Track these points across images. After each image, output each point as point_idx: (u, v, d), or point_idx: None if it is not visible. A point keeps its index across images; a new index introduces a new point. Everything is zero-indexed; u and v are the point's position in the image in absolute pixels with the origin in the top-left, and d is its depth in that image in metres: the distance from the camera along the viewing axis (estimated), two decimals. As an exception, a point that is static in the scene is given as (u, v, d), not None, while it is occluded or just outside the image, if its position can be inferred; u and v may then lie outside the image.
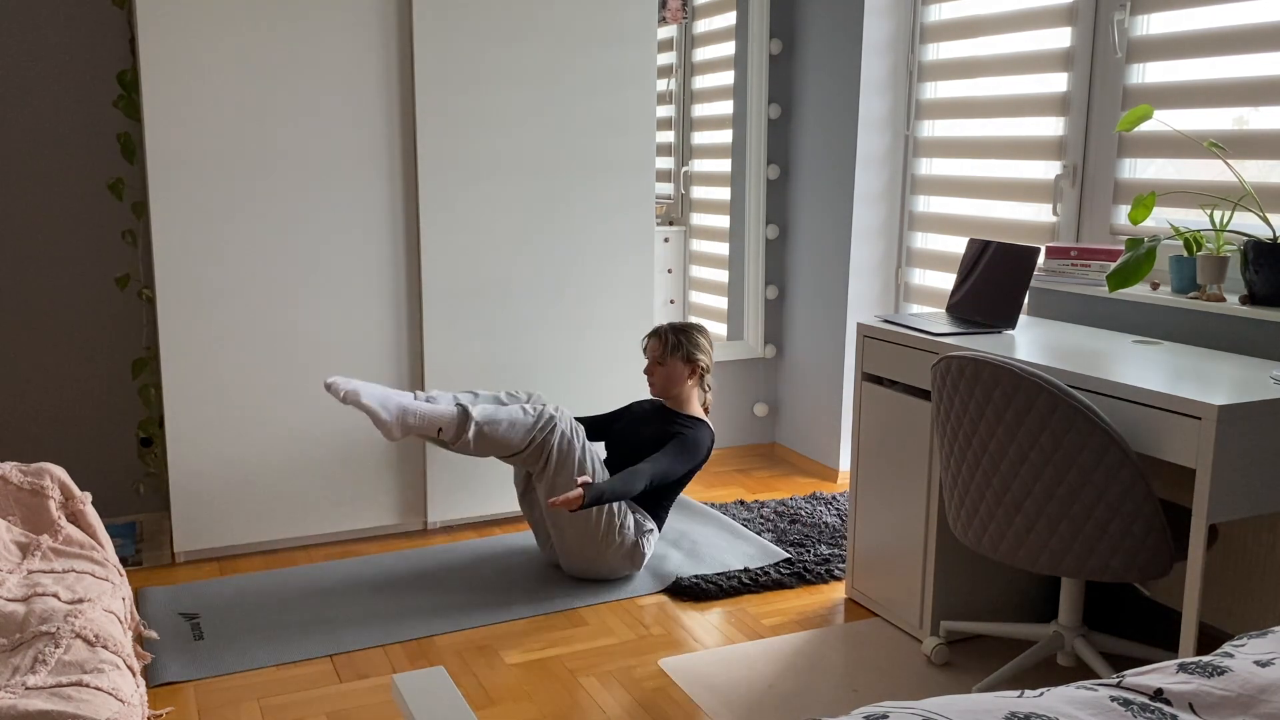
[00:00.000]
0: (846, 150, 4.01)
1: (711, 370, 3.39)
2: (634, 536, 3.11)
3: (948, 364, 2.41)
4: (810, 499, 3.92)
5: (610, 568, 3.15)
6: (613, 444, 3.34)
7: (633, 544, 3.12)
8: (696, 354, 3.31)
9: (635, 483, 2.99)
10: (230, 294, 3.24)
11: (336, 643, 2.79)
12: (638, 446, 3.24)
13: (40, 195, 3.39)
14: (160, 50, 3.06)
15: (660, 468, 3.08)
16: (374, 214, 3.38)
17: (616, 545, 3.09)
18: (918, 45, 3.90)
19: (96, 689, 1.79)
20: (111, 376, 3.56)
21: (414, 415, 2.96)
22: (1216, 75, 2.85)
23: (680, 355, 3.30)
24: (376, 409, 2.93)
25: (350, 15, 3.25)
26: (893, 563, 2.91)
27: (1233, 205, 2.69)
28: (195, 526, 3.31)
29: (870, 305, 4.12)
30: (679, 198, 4.74)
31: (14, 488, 2.41)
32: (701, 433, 3.25)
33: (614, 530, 3.07)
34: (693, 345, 3.31)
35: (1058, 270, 3.05)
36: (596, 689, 2.59)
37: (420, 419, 2.96)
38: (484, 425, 2.97)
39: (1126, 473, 2.19)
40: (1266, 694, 1.34)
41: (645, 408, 3.39)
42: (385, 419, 2.93)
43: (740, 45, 4.35)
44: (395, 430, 2.95)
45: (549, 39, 3.50)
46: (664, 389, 3.33)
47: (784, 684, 2.61)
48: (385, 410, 2.94)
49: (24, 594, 2.10)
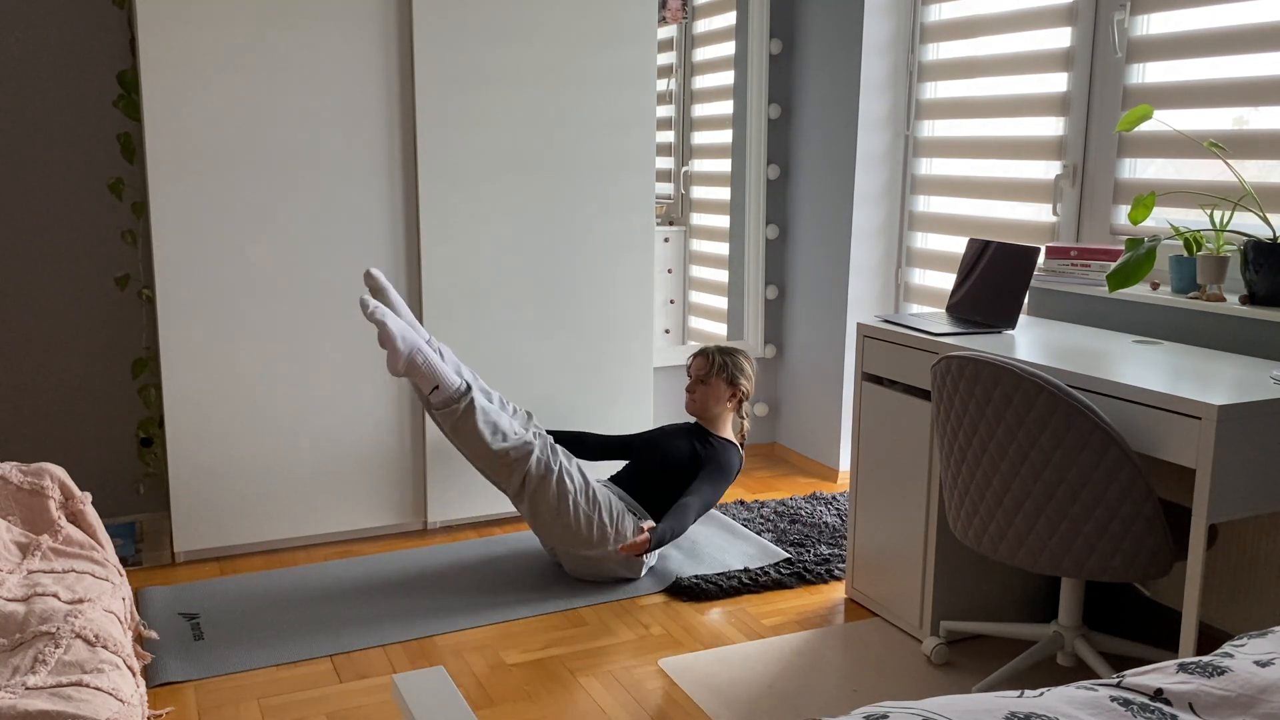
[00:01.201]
0: (846, 150, 4.01)
1: (751, 398, 3.43)
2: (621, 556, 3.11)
3: (948, 364, 2.41)
4: (810, 499, 3.92)
5: (608, 570, 3.15)
6: (640, 455, 3.35)
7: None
8: (740, 378, 3.36)
9: (687, 517, 3.11)
10: (230, 294, 3.24)
11: (336, 643, 2.79)
12: (666, 457, 3.26)
13: (40, 195, 3.39)
14: (160, 50, 3.06)
15: (705, 498, 3.18)
16: (374, 214, 3.38)
17: (613, 552, 3.09)
18: (918, 45, 3.90)
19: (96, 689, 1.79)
20: (111, 376, 3.56)
21: (424, 360, 2.95)
22: (1216, 75, 2.85)
23: (724, 376, 3.34)
24: (394, 337, 2.91)
25: (350, 15, 3.25)
26: (893, 563, 2.91)
27: (1233, 205, 2.69)
28: (195, 526, 3.31)
29: (870, 305, 4.12)
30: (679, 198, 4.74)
31: (14, 488, 2.41)
32: (731, 455, 3.29)
33: (607, 539, 3.06)
34: (737, 368, 3.36)
35: (1058, 270, 3.05)
36: (596, 689, 2.59)
37: (428, 367, 2.95)
38: (478, 408, 2.98)
39: (1126, 473, 2.19)
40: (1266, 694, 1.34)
41: (677, 427, 3.42)
42: (399, 348, 2.91)
43: (740, 45, 4.35)
44: (401, 364, 2.93)
45: (549, 39, 3.50)
46: (703, 408, 3.36)
47: (784, 684, 2.61)
48: (402, 342, 2.92)
49: (24, 594, 2.10)
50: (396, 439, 3.51)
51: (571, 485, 3.03)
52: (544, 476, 3.01)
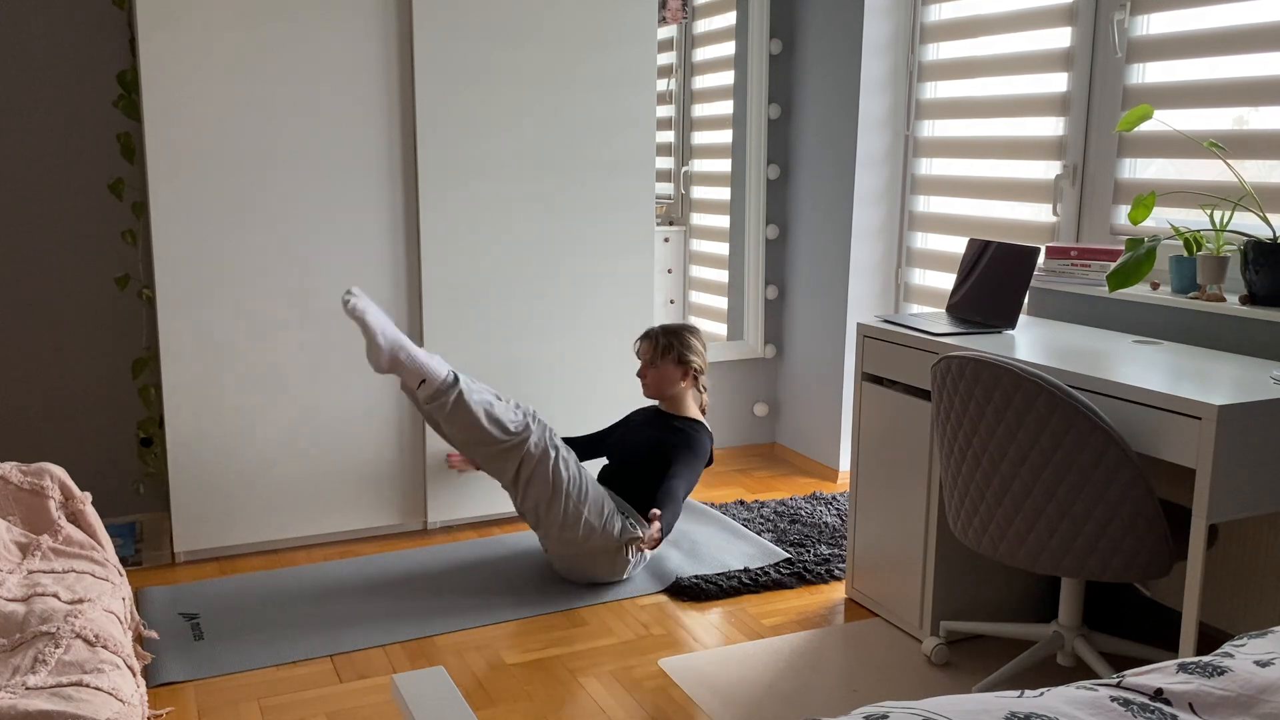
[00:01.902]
0: (846, 150, 4.01)
1: (706, 371, 3.38)
2: (619, 542, 3.10)
3: (948, 364, 2.41)
4: (810, 499, 3.92)
5: (593, 571, 3.13)
6: (611, 452, 3.34)
7: (615, 549, 3.10)
8: (688, 355, 3.30)
9: (677, 502, 3.13)
10: (230, 294, 3.24)
11: (336, 643, 2.79)
12: (635, 449, 3.24)
13: (40, 195, 3.39)
14: (160, 50, 3.06)
15: (687, 480, 3.18)
16: (374, 214, 3.38)
17: (600, 549, 3.08)
18: (918, 45, 3.90)
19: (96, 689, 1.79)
20: (111, 376, 3.56)
21: (406, 354, 2.93)
22: (1216, 75, 2.85)
23: (671, 357, 3.29)
24: (375, 332, 2.89)
25: (350, 15, 3.25)
26: (893, 563, 2.91)
27: (1233, 205, 2.69)
28: (195, 526, 3.31)
29: (870, 305, 4.12)
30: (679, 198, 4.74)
31: (14, 488, 2.41)
32: (700, 434, 3.25)
33: (593, 535, 3.04)
34: (684, 347, 3.30)
35: (1058, 270, 3.05)
36: (596, 689, 2.59)
37: (410, 361, 2.93)
38: (467, 396, 2.93)
39: (1126, 473, 2.19)
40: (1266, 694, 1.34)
41: (643, 414, 3.39)
42: (380, 344, 2.90)
43: (740, 45, 4.35)
44: (384, 360, 2.91)
45: (549, 39, 3.50)
46: (657, 391, 3.33)
47: (784, 684, 2.61)
48: (383, 337, 2.90)
49: (24, 594, 2.10)
50: (396, 439, 3.51)
51: (565, 474, 2.99)
52: (540, 462, 2.97)
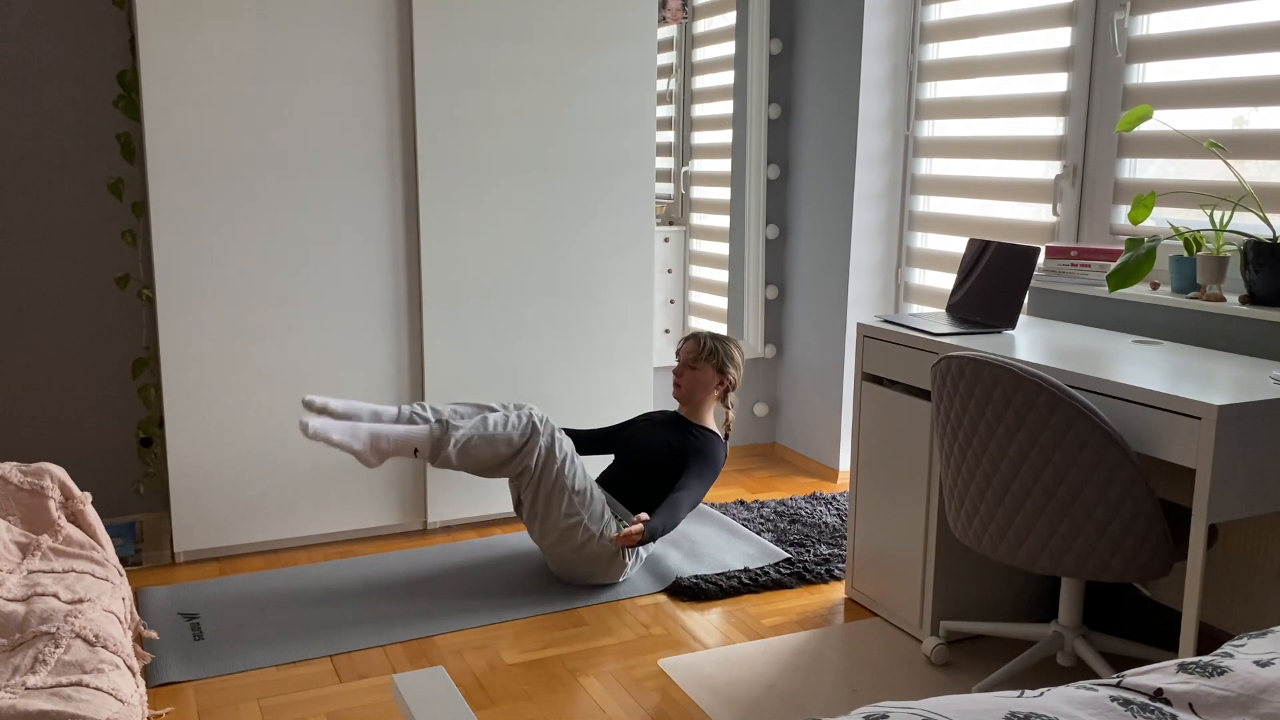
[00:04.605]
0: (846, 150, 4.01)
1: (738, 388, 3.38)
2: (613, 549, 3.09)
3: (948, 364, 2.41)
4: (810, 499, 3.92)
5: (589, 573, 3.13)
6: (622, 448, 3.33)
7: (611, 555, 3.10)
8: (728, 365, 3.32)
9: (679, 512, 3.08)
10: (230, 294, 3.24)
11: (336, 643, 2.79)
12: (650, 450, 3.23)
13: (40, 195, 3.39)
14: (160, 50, 3.06)
15: (694, 494, 3.15)
16: (374, 214, 3.38)
17: (596, 552, 3.07)
18: (918, 45, 3.90)
19: (96, 689, 1.79)
20: (111, 376, 3.56)
21: (387, 440, 2.91)
22: (1216, 75, 2.85)
23: (714, 363, 3.31)
24: (347, 442, 2.87)
25: (350, 15, 3.25)
26: (893, 563, 2.91)
27: (1233, 205, 2.69)
28: (195, 526, 3.31)
29: (870, 305, 4.12)
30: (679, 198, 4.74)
31: (14, 488, 2.41)
32: (716, 446, 3.26)
33: (592, 539, 3.04)
34: (727, 356, 3.33)
35: (1058, 270, 3.05)
36: (596, 689, 2.59)
37: (394, 443, 2.92)
38: (465, 442, 2.93)
39: (1126, 473, 2.19)
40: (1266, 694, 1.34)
41: (658, 417, 3.39)
42: (359, 449, 2.88)
43: (740, 45, 4.35)
44: (371, 458, 2.90)
45: (549, 39, 3.50)
46: (689, 394, 3.33)
47: (784, 684, 2.61)
48: (356, 441, 2.88)
49: (24, 594, 2.10)
50: (396, 439, 3.51)
51: (570, 479, 3.00)
52: (546, 463, 2.98)
